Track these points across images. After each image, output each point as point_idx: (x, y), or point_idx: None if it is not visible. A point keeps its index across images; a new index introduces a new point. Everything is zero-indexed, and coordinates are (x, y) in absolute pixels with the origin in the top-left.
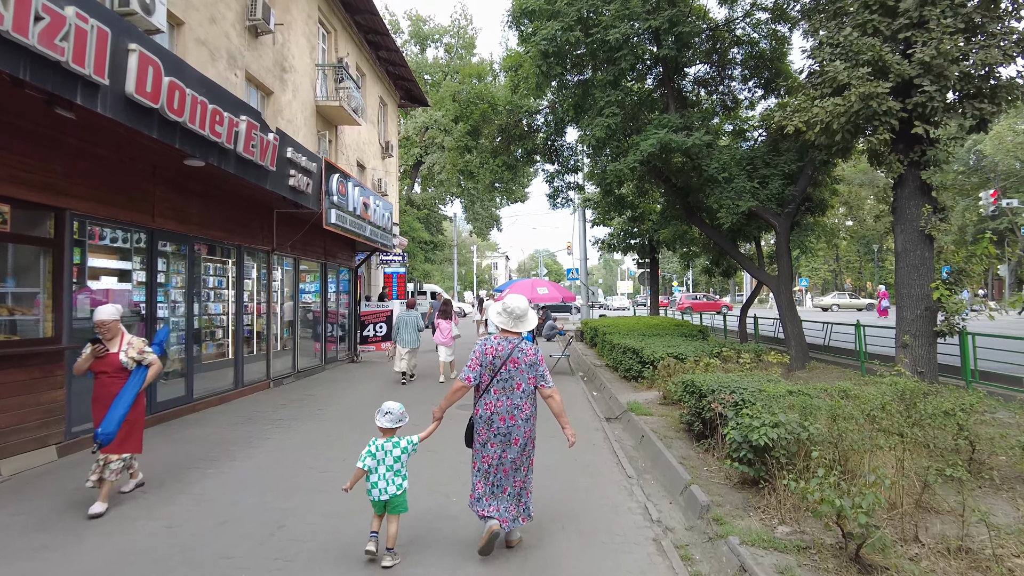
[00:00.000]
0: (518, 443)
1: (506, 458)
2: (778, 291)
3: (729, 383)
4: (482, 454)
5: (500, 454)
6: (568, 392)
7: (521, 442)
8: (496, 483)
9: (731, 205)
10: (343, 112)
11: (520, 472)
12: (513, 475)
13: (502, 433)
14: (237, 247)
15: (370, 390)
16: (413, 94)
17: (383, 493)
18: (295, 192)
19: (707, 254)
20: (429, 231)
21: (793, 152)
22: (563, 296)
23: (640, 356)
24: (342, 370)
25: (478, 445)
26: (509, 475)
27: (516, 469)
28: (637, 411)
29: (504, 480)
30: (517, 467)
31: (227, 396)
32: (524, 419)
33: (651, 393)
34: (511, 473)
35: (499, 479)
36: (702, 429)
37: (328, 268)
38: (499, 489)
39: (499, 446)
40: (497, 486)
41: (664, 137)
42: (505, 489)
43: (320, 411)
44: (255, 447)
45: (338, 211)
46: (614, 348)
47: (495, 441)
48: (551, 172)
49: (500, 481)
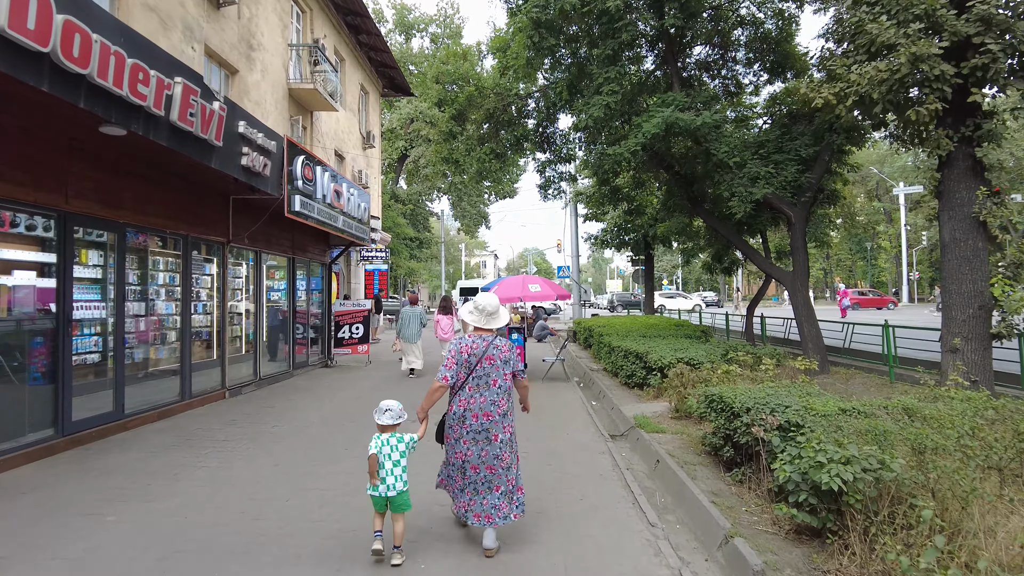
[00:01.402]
0: (498, 439)
1: (486, 456)
2: (794, 288)
3: (766, 398)
4: (455, 450)
5: (479, 452)
6: (565, 401)
7: (502, 438)
8: (482, 480)
9: (743, 193)
10: (318, 96)
11: (511, 470)
12: (505, 473)
13: (476, 430)
14: (184, 238)
15: (340, 400)
16: (397, 83)
17: (391, 489)
18: (249, 174)
19: (710, 249)
20: (415, 227)
21: (808, 136)
22: (557, 293)
23: (645, 361)
24: (312, 377)
25: (451, 441)
26: (499, 473)
27: (507, 467)
28: (647, 427)
29: (493, 477)
30: (507, 465)
31: (170, 409)
32: (501, 415)
33: (659, 404)
34: (501, 472)
35: (484, 476)
36: (733, 455)
37: (297, 263)
38: (487, 487)
39: (474, 443)
40: (483, 483)
41: (670, 116)
42: (497, 487)
43: (275, 428)
44: (182, 480)
45: (303, 198)
46: (613, 351)
47: (467, 438)
48: (542, 161)
49: (487, 478)
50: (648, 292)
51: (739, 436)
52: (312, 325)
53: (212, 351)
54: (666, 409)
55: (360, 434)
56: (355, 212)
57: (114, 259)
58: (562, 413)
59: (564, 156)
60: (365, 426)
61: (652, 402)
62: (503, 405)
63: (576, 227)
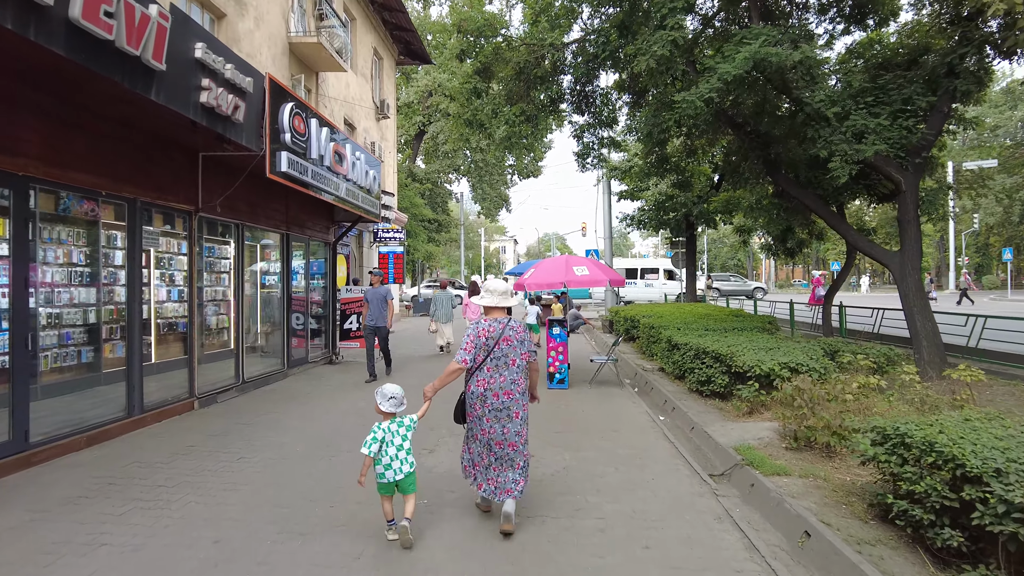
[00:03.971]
0: (519, 416)
1: (508, 432)
2: (903, 272)
3: (1004, 444)
4: (479, 427)
5: (501, 429)
6: (627, 417)
7: (521, 415)
8: (505, 457)
9: (847, 151)
10: (323, 52)
11: (526, 445)
12: (523, 448)
13: (497, 408)
14: (131, 202)
15: (340, 411)
16: (414, 48)
17: (398, 473)
18: (213, 116)
19: (775, 225)
20: (433, 209)
21: (919, 83)
22: (610, 277)
23: (728, 365)
24: (311, 377)
25: (473, 420)
26: (518, 449)
27: (524, 443)
28: (761, 466)
29: (515, 455)
30: (525, 441)
31: (108, 431)
32: (520, 393)
33: (757, 425)
34: (520, 447)
35: (507, 453)
36: (951, 542)
37: (292, 241)
38: (510, 463)
39: (497, 421)
40: (507, 460)
41: (759, 51)
42: (518, 464)
43: (240, 462)
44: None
45: (293, 156)
46: (674, 349)
47: (490, 416)
48: (580, 125)
49: (510, 456)
50: (690, 277)
51: (981, 517)
52: (314, 315)
53: (177, 349)
54: (772, 433)
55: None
56: (362, 180)
57: (8, 227)
58: (630, 436)
59: (605, 119)
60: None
61: (745, 420)
62: (521, 384)
63: (609, 205)
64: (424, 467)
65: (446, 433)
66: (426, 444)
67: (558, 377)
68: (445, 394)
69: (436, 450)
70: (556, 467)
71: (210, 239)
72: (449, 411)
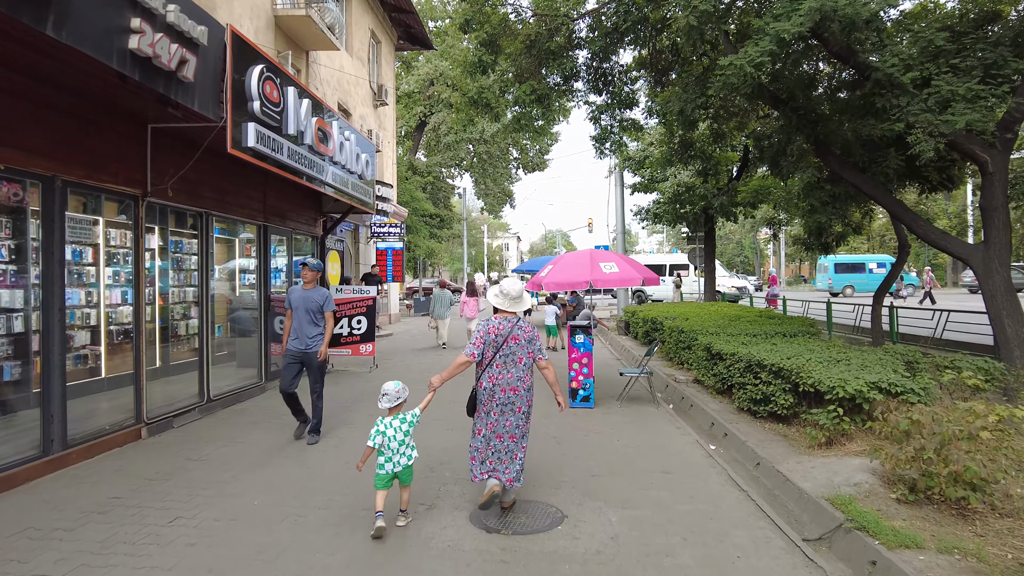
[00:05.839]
0: (521, 411)
1: (509, 425)
2: (987, 269)
3: None
4: (486, 422)
5: (504, 422)
6: (673, 448)
7: (524, 410)
8: (505, 450)
9: (931, 121)
10: (313, 28)
11: (525, 439)
12: (521, 441)
13: (503, 402)
14: (47, 181)
15: (322, 441)
16: (414, 33)
17: (397, 465)
18: (149, 71)
19: (822, 214)
20: (435, 204)
21: (1007, 45)
22: (643, 275)
23: (792, 382)
24: None
25: (481, 414)
26: (517, 441)
27: (523, 436)
28: (878, 532)
29: (514, 447)
30: (524, 433)
31: (11, 477)
32: (526, 389)
33: (843, 459)
34: (519, 440)
35: (507, 446)
36: None
37: (272, 234)
38: (508, 455)
39: (502, 415)
40: (506, 452)
41: (826, 2)
42: (516, 455)
43: (173, 527)
44: None
45: (262, 129)
46: (716, 359)
47: (496, 410)
48: (598, 106)
49: (509, 448)
50: (709, 274)
51: None
52: None
53: (120, 362)
54: (869, 475)
55: (333, 534)
56: (352, 164)
57: None
58: (687, 480)
59: (624, 99)
60: (358, 524)
61: (824, 455)
62: (527, 380)
63: (622, 198)
64: (421, 537)
65: (449, 479)
66: (424, 497)
67: (582, 394)
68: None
69: (436, 505)
70: (602, 537)
71: (173, 231)
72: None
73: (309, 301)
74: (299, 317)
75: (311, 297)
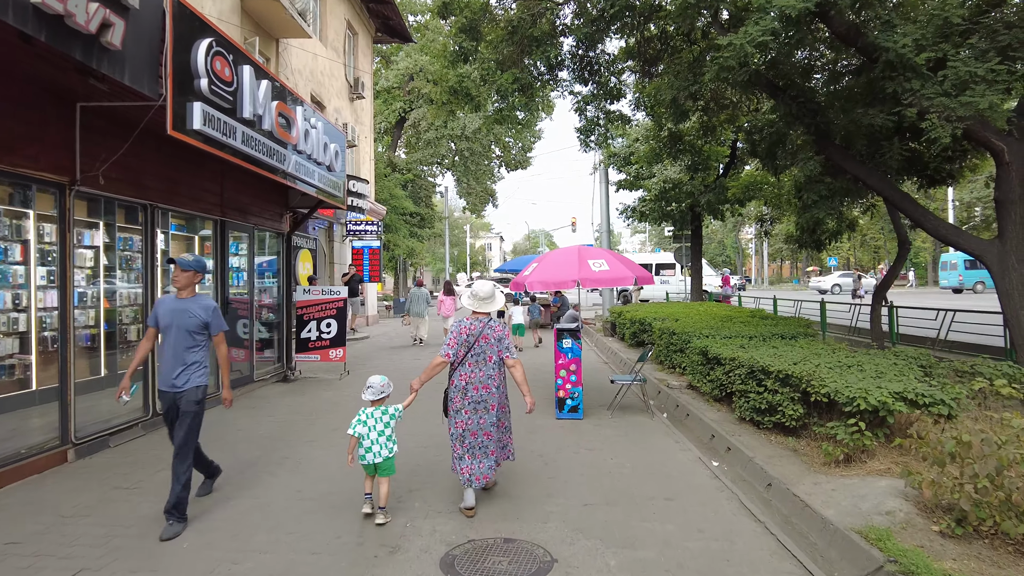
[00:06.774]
0: (494, 409)
1: (484, 424)
2: (1003, 266)
3: None
4: (455, 420)
5: (478, 420)
6: (674, 466)
7: (496, 408)
8: (478, 446)
9: (948, 105)
10: (283, 14)
11: (504, 434)
12: (498, 437)
13: (475, 401)
14: None
15: (287, 466)
16: (392, 25)
17: (376, 456)
18: (60, 32)
19: (806, 215)
20: (416, 202)
21: (1021, 27)
22: (636, 274)
23: (801, 391)
24: (254, 401)
25: (452, 412)
26: (493, 438)
27: (500, 433)
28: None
29: (488, 443)
30: (501, 431)
31: None
32: (496, 387)
33: (866, 480)
34: (494, 437)
35: (481, 443)
36: None
37: (230, 229)
38: (482, 451)
39: (473, 413)
40: (479, 449)
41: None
42: (491, 451)
43: None
44: None
45: (210, 110)
46: (713, 363)
47: (468, 408)
48: (583, 96)
49: (484, 445)
50: (696, 273)
51: None
52: (263, 321)
53: (42, 374)
54: (901, 500)
55: None
56: (319, 154)
57: None
58: (695, 509)
59: (611, 90)
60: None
61: (843, 474)
62: (498, 378)
63: (607, 195)
64: None
65: (419, 512)
66: (387, 537)
67: (570, 404)
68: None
69: (401, 547)
70: None
71: (121, 227)
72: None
73: (185, 316)
74: (168, 340)
75: (188, 310)
